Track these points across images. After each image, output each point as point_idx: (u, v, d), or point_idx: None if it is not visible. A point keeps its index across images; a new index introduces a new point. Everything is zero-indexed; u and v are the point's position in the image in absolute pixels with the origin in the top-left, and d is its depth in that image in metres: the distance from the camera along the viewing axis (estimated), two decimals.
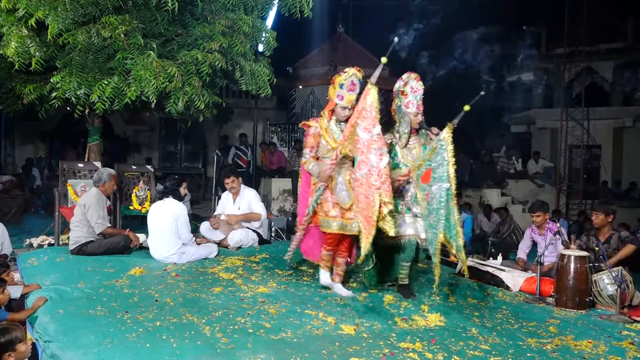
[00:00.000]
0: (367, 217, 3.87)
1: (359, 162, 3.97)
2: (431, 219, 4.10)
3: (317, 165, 4.47)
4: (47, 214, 9.17)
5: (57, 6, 5.36)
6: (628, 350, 3.48)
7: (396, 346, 3.27)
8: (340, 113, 4.39)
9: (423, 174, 4.29)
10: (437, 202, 3.99)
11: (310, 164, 4.50)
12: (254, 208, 6.30)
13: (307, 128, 4.60)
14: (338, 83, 4.34)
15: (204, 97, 6.18)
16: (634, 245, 4.99)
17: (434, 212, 4.04)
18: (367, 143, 3.90)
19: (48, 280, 4.36)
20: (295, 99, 14.26)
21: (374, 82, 3.98)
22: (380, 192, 3.78)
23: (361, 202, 3.95)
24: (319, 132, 4.50)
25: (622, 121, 15.60)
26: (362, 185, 3.91)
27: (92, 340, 3.11)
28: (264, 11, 7.22)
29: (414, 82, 4.51)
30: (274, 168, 11.82)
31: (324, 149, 4.50)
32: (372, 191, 3.82)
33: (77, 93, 5.76)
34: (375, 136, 3.88)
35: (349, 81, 4.29)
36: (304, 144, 4.68)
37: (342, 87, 4.32)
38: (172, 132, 13.26)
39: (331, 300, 4.21)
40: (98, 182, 5.52)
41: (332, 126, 4.46)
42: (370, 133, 3.89)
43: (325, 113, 4.49)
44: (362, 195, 3.92)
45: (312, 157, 4.54)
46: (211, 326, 3.41)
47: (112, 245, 5.35)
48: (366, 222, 3.89)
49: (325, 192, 4.37)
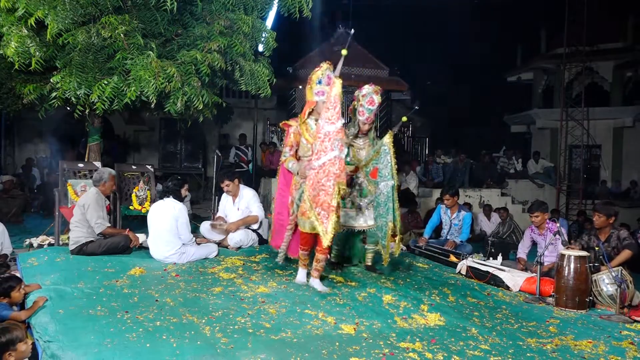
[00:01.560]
0: (326, 205, 4.07)
1: (317, 151, 4.12)
2: (381, 210, 5.03)
3: (296, 163, 4.63)
4: (47, 214, 9.18)
5: (57, 6, 5.36)
6: (628, 350, 3.48)
7: (396, 346, 3.27)
8: (322, 109, 4.38)
9: (372, 171, 5.13)
10: (385, 196, 4.96)
11: (290, 162, 4.66)
12: (252, 209, 6.31)
13: (287, 127, 4.76)
14: (315, 80, 4.49)
15: (203, 97, 6.18)
16: (631, 250, 5.00)
17: (382, 204, 5.00)
18: (329, 133, 4.06)
19: (48, 280, 4.36)
20: (295, 99, 14.25)
21: (337, 74, 4.19)
22: (340, 181, 4.05)
23: (314, 189, 4.11)
24: (299, 131, 4.64)
25: (622, 121, 15.60)
26: (319, 174, 4.08)
27: (92, 340, 3.10)
28: (263, 11, 7.22)
29: (372, 95, 4.82)
30: (274, 168, 11.81)
31: (304, 147, 4.64)
32: (332, 179, 4.04)
33: (77, 93, 5.76)
34: (338, 128, 4.06)
35: (325, 75, 4.45)
36: (283, 143, 4.87)
37: (320, 83, 4.47)
38: (172, 132, 13.22)
39: (331, 300, 4.21)
40: (98, 182, 5.52)
41: (310, 123, 4.61)
42: (334, 125, 4.05)
43: (306, 112, 4.64)
44: (317, 184, 4.09)
45: (292, 155, 4.70)
46: (211, 326, 3.41)
47: (112, 245, 5.36)
48: (324, 210, 4.07)
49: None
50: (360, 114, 4.97)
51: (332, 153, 4.04)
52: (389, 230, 4.90)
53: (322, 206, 4.09)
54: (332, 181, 4.04)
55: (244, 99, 14.85)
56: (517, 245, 6.48)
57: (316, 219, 4.13)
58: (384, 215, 4.98)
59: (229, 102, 11.79)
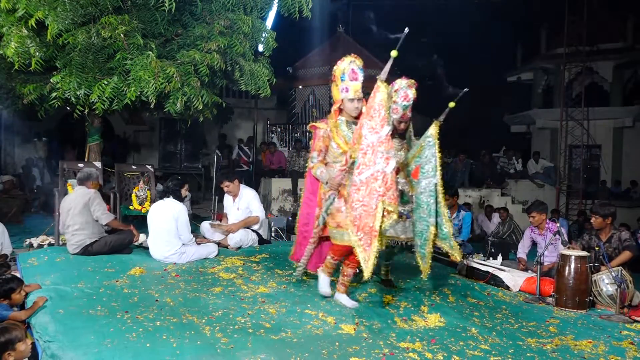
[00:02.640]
0: (367, 228, 3.50)
1: (358, 165, 3.61)
2: (421, 212, 4.22)
3: (326, 171, 4.07)
4: (47, 213, 9.18)
5: (57, 6, 5.36)
6: (628, 350, 3.48)
7: (396, 346, 3.27)
8: (349, 108, 4.00)
9: (413, 171, 4.38)
10: (427, 196, 4.16)
11: (318, 170, 4.11)
12: (252, 210, 6.31)
13: (315, 130, 4.22)
14: (339, 75, 3.98)
15: (202, 98, 6.19)
16: (631, 251, 5.00)
17: (424, 204, 4.19)
18: (372, 145, 3.54)
19: (48, 280, 4.36)
20: (295, 99, 14.26)
21: (384, 78, 3.63)
22: (384, 200, 3.45)
23: (356, 209, 3.57)
24: (329, 135, 4.08)
25: (622, 121, 15.60)
26: (360, 191, 3.55)
27: (92, 340, 3.10)
28: (263, 11, 7.23)
29: (406, 89, 4.31)
30: (274, 168, 11.83)
31: (333, 153, 4.10)
32: (375, 198, 3.47)
33: (77, 93, 5.76)
34: (383, 137, 3.53)
35: (349, 69, 3.92)
36: (311, 147, 4.28)
37: (343, 79, 3.95)
38: (172, 132, 13.26)
39: (331, 300, 4.20)
40: (88, 180, 5.49)
41: (342, 127, 4.04)
42: (378, 134, 3.54)
43: (332, 113, 4.11)
44: (358, 203, 3.55)
45: (321, 161, 4.14)
46: (211, 326, 3.41)
47: (118, 242, 5.37)
48: (366, 234, 3.52)
49: (337, 200, 3.98)
50: (394, 112, 4.30)
51: (375, 167, 3.50)
52: (430, 236, 4.09)
53: (363, 230, 3.51)
54: (375, 200, 3.46)
55: (244, 99, 14.86)
56: (517, 245, 6.48)
57: (357, 245, 3.55)
58: (425, 218, 4.16)
59: (229, 102, 11.81)
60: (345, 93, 3.96)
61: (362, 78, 3.94)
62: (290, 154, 11.98)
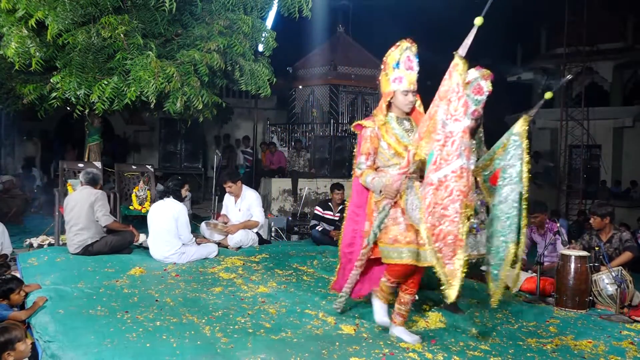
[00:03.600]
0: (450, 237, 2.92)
1: (435, 159, 2.97)
2: (499, 225, 3.36)
3: (378, 177, 3.39)
4: (46, 213, 9.17)
5: (57, 6, 5.36)
6: (628, 350, 3.48)
7: (396, 346, 3.27)
8: (402, 102, 3.39)
9: (491, 176, 3.59)
10: (509, 206, 3.32)
11: (368, 177, 3.41)
12: (253, 212, 6.31)
13: (360, 130, 3.54)
14: (391, 64, 3.36)
15: (202, 97, 6.19)
16: (632, 252, 5.00)
17: (503, 216, 3.35)
18: (452, 134, 2.94)
19: (48, 280, 4.36)
20: (295, 99, 14.26)
21: (463, 54, 3.06)
22: (465, 201, 2.93)
23: (433, 214, 2.95)
24: (378, 134, 3.42)
25: (622, 121, 15.62)
26: (440, 192, 2.94)
27: (92, 340, 3.10)
28: (263, 11, 7.23)
29: (480, 81, 3.77)
30: (274, 168, 11.83)
31: (384, 155, 3.44)
32: (459, 200, 2.89)
33: (77, 93, 5.76)
34: (465, 127, 2.94)
35: (404, 57, 3.33)
36: (356, 150, 3.58)
37: (398, 66, 3.35)
38: (172, 132, 13.22)
39: (331, 300, 4.20)
40: (95, 183, 5.51)
41: (392, 124, 3.43)
42: (460, 122, 2.93)
43: (383, 107, 3.45)
44: (437, 207, 2.95)
45: (370, 167, 3.46)
46: (211, 326, 3.41)
47: (119, 243, 5.37)
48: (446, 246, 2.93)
49: (393, 211, 3.34)
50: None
51: (457, 162, 2.91)
52: (509, 255, 3.27)
53: (444, 240, 2.93)
54: (459, 203, 2.89)
55: (244, 99, 14.86)
56: None
57: (436, 259, 2.96)
58: (504, 232, 3.34)
59: (229, 102, 11.80)
60: (399, 84, 3.36)
61: (418, 68, 3.39)
62: (290, 154, 11.98)
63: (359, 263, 3.48)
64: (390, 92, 3.40)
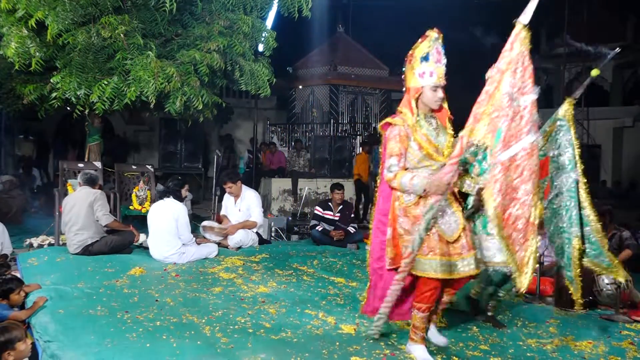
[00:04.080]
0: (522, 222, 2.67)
1: (504, 137, 2.67)
2: (559, 220, 3.07)
3: (419, 176, 3.04)
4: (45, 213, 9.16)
5: (57, 6, 5.36)
6: (628, 351, 3.48)
7: (397, 347, 3.27)
8: (431, 98, 3.13)
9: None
10: (567, 197, 3.04)
11: (405, 177, 3.05)
12: (253, 213, 6.31)
13: (387, 129, 3.24)
14: (419, 56, 3.11)
15: (202, 97, 6.19)
16: (631, 250, 5.02)
17: (563, 210, 3.04)
18: (519, 108, 2.67)
19: (48, 280, 4.36)
20: (295, 99, 14.27)
21: (526, 22, 2.92)
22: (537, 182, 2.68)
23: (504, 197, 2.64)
24: (408, 133, 3.12)
25: (622, 121, 15.62)
26: (510, 173, 2.65)
27: (92, 340, 3.11)
28: (263, 11, 7.23)
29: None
30: (274, 168, 11.83)
31: (415, 155, 3.13)
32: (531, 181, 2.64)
33: (77, 93, 5.76)
34: (533, 100, 2.71)
35: (433, 49, 3.10)
36: (384, 152, 3.26)
37: (427, 59, 3.09)
38: (172, 132, 13.22)
39: (331, 300, 4.21)
40: (93, 184, 5.51)
41: (422, 123, 3.16)
42: (528, 95, 2.70)
43: (413, 104, 3.14)
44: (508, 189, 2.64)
45: (402, 168, 3.14)
46: (211, 326, 3.41)
47: (119, 242, 5.36)
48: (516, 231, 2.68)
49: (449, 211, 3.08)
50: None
51: (527, 138, 2.66)
52: (574, 252, 3.01)
53: (514, 225, 2.68)
54: (531, 183, 2.64)
55: (244, 99, 14.85)
56: None
57: (506, 246, 2.70)
58: (565, 228, 3.07)
59: (229, 102, 11.80)
60: (429, 78, 3.09)
61: (445, 60, 3.16)
62: (290, 154, 11.98)
63: (399, 276, 3.03)
64: (419, 87, 3.13)
